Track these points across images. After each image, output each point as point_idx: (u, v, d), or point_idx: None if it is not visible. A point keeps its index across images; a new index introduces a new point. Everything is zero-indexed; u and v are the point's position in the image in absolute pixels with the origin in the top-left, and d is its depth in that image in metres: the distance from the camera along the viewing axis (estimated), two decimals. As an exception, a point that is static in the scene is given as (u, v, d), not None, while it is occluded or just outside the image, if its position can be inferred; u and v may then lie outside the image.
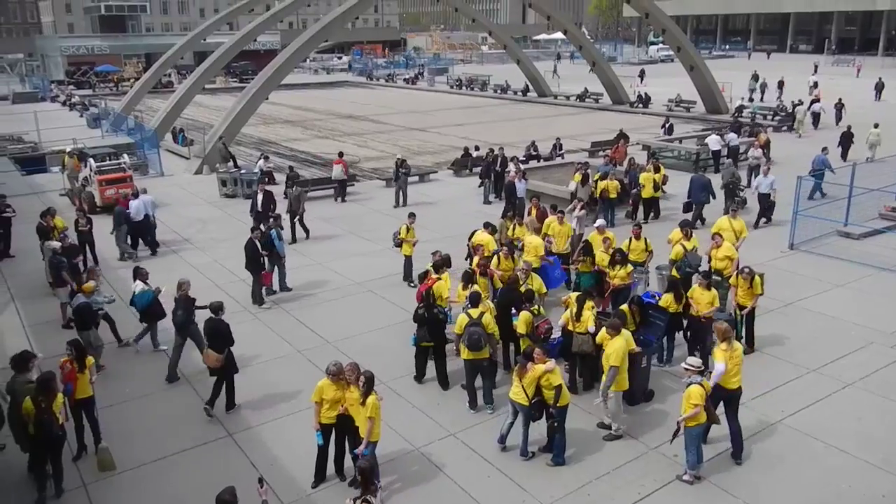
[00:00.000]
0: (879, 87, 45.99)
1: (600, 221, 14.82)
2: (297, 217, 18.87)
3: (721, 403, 9.08)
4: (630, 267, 12.92)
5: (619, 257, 12.77)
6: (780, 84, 46.30)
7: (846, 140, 27.15)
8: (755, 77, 48.14)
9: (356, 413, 8.38)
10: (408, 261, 15.43)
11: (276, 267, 15.12)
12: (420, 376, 11.35)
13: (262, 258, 14.58)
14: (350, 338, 12.89)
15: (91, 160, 23.36)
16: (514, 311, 11.00)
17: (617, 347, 9.39)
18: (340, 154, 25.03)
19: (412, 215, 15.67)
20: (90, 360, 9.57)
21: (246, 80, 59.83)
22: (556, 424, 9.09)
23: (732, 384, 9.07)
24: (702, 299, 11.30)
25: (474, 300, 10.53)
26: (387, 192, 24.72)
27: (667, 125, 32.21)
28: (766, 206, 19.26)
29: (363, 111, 49.60)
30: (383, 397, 8.64)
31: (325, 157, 32.39)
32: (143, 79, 45.19)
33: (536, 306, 11.66)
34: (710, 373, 9.18)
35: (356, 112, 49.17)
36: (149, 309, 12.30)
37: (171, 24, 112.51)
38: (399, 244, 15.36)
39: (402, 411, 10.45)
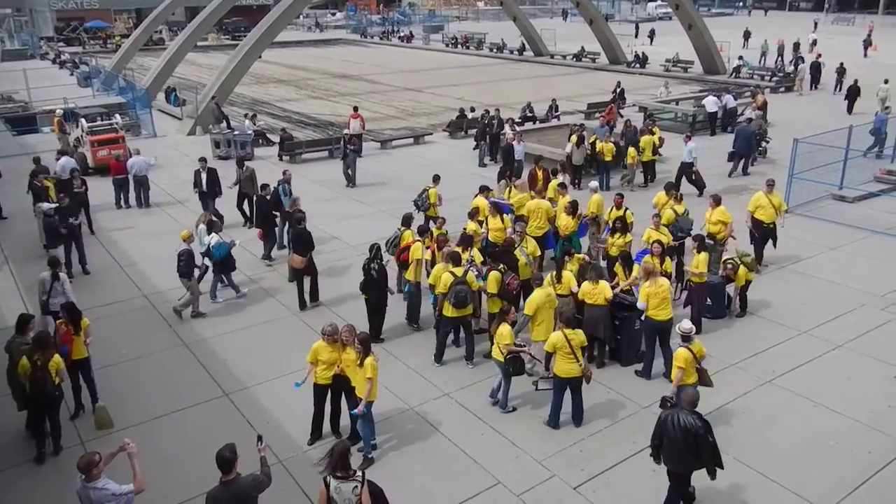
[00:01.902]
0: (867, 44, 46.92)
1: (593, 183, 14.83)
2: (251, 199, 16.67)
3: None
4: (630, 236, 12.83)
5: (619, 225, 12.75)
6: (796, 46, 44.49)
7: (853, 94, 27.91)
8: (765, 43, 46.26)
9: (352, 374, 8.47)
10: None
11: (286, 223, 15.06)
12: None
13: (275, 216, 14.90)
14: (345, 301, 12.92)
15: (83, 120, 23.12)
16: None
17: (532, 298, 9.91)
18: (356, 108, 25.12)
19: (437, 178, 15.58)
20: (85, 321, 9.62)
21: (238, 37, 58.81)
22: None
23: (662, 316, 10.00)
24: (691, 263, 11.37)
25: (455, 259, 10.66)
26: (381, 155, 24.60)
27: (618, 90, 31.14)
28: (689, 175, 18.45)
29: (357, 70, 48.98)
30: (379, 358, 8.72)
31: (318, 118, 32.12)
32: (134, 35, 44.40)
33: (528, 265, 11.72)
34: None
35: (350, 71, 48.56)
36: (224, 260, 12.88)
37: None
38: (427, 208, 15.00)
39: (398, 372, 10.57)
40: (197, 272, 12.61)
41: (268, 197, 14.82)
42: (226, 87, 29.06)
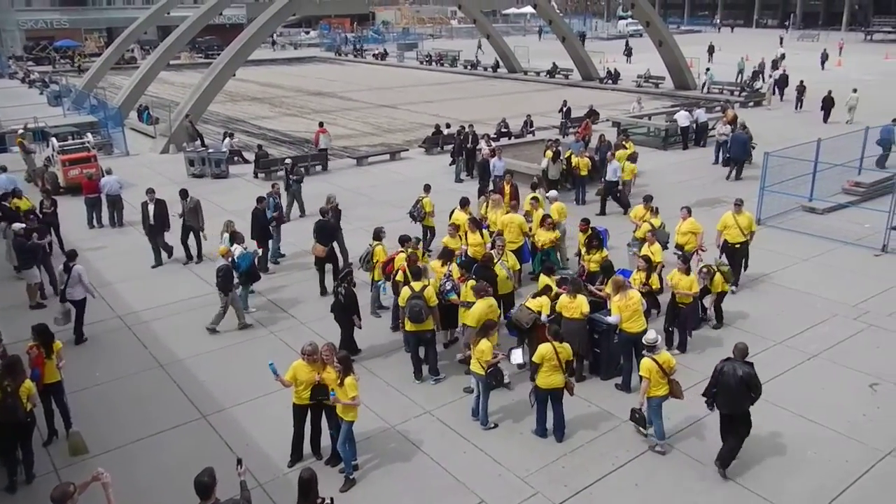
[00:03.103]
0: (824, 58, 49.17)
1: (552, 193, 15.16)
2: (196, 233, 15.90)
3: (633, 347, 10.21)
4: (605, 251, 12.89)
5: (595, 242, 12.81)
6: (775, 63, 44.66)
7: (828, 104, 29.78)
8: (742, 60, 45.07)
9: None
10: (432, 232, 15.73)
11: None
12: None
13: (269, 226, 15.15)
14: (323, 318, 12.80)
15: (53, 139, 22.80)
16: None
17: (474, 309, 10.07)
18: (321, 124, 25.74)
19: (428, 187, 15.97)
20: (57, 344, 9.43)
21: (212, 55, 58.50)
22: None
23: (635, 328, 10.12)
24: (681, 284, 11.27)
25: (416, 273, 10.72)
26: (358, 172, 24.58)
27: (564, 108, 30.15)
28: (614, 193, 18.61)
29: (332, 87, 48.97)
30: (360, 377, 8.65)
31: (294, 136, 32.00)
32: (106, 54, 44.01)
33: (509, 279, 11.76)
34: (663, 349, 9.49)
35: (325, 88, 48.54)
36: (249, 270, 12.99)
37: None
38: (423, 218, 15.47)
39: (378, 389, 10.50)
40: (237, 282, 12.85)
41: (265, 210, 15.13)
42: (200, 105, 28.88)
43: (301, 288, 14.39)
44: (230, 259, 12.51)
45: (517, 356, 9.68)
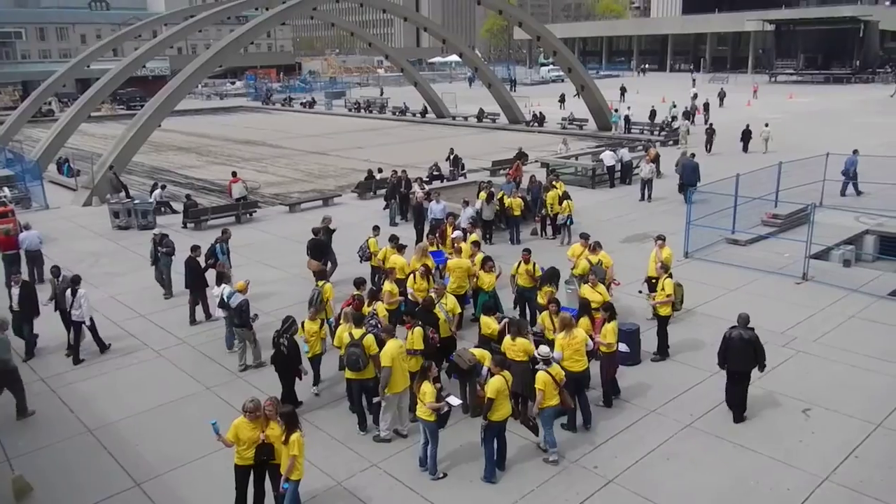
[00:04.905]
0: (722, 96, 53.70)
1: (457, 233, 15.68)
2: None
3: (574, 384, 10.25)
4: (554, 288, 12.92)
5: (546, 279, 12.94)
6: (707, 106, 45.98)
7: (746, 136, 33.82)
8: (673, 104, 46.53)
9: (278, 449, 8.07)
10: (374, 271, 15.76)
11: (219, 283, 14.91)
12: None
13: (205, 274, 14.79)
14: (262, 371, 12.45)
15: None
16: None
17: (386, 349, 9.93)
18: (234, 174, 25.64)
19: (377, 228, 16.27)
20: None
21: (134, 107, 57.51)
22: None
23: (577, 367, 10.28)
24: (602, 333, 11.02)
25: (357, 320, 10.61)
26: (290, 218, 24.29)
27: (451, 156, 29.09)
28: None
29: (260, 136, 48.58)
30: (305, 433, 8.37)
31: (222, 184, 31.41)
32: (22, 107, 42.44)
33: (448, 322, 11.71)
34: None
35: (253, 137, 48.09)
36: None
37: (50, 50, 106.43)
38: (369, 258, 15.76)
39: (321, 444, 10.17)
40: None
41: (198, 258, 14.84)
42: (123, 157, 28.14)
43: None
44: (246, 293, 12.69)
45: (454, 401, 9.58)
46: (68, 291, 13.00)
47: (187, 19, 45.95)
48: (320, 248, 15.83)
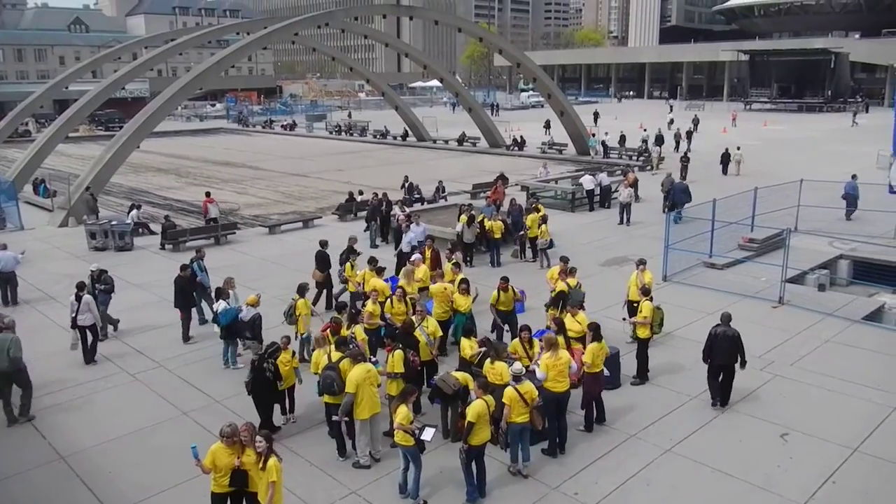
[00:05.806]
0: (696, 122, 53.99)
1: (416, 256, 15.93)
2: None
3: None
4: (557, 311, 13.05)
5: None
6: (689, 134, 45.56)
7: (725, 159, 35.18)
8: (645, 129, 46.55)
9: (254, 477, 7.93)
10: (353, 296, 15.49)
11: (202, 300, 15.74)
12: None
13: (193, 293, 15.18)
14: (240, 394, 12.25)
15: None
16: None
17: (351, 375, 9.84)
18: (208, 194, 25.82)
19: (303, 288, 14.77)
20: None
21: (112, 128, 57.16)
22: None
23: (559, 388, 10.29)
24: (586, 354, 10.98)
25: (339, 343, 10.60)
26: (270, 240, 24.15)
27: (406, 184, 28.97)
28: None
29: (240, 158, 48.44)
30: (283, 458, 8.24)
31: (201, 205, 31.21)
32: (-3, 128, 42.02)
33: (428, 345, 11.66)
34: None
35: (233, 159, 47.94)
36: (231, 325, 13.09)
37: (27, 71, 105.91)
38: (294, 322, 14.24)
39: (300, 470, 10.02)
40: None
41: (185, 275, 15.06)
42: (101, 177, 27.90)
43: (216, 364, 13.77)
44: (258, 306, 13.13)
45: (428, 434, 9.12)
46: (72, 298, 13.59)
47: (167, 42, 45.98)
48: (326, 260, 16.62)
